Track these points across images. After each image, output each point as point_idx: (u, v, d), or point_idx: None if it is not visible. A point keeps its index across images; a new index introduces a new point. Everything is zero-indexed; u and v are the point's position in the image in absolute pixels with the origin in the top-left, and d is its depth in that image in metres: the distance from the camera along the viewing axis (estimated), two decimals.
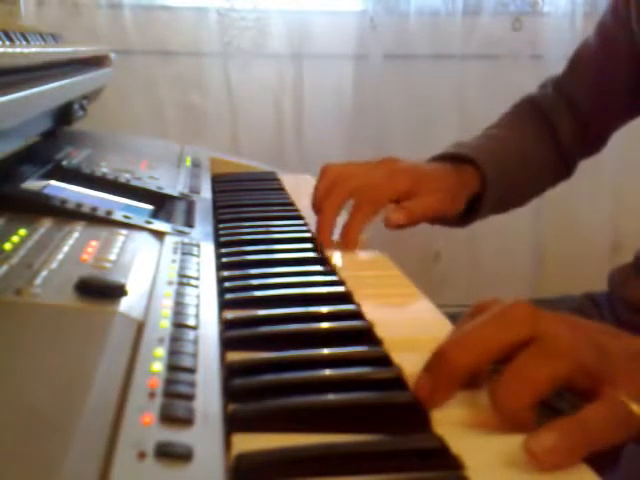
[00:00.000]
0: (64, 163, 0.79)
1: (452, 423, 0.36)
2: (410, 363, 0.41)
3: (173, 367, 0.38)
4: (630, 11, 0.82)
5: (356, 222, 0.69)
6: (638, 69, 0.83)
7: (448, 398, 0.38)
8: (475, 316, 0.41)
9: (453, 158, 0.81)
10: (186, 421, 0.33)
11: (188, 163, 0.99)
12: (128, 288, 0.46)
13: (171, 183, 0.84)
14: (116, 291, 0.46)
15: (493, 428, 0.36)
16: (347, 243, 0.69)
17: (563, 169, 0.92)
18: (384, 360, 0.42)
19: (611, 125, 0.91)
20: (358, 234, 0.69)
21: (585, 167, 0.95)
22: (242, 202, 0.83)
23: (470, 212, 0.82)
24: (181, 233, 0.64)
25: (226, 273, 0.57)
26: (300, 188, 0.81)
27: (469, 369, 0.38)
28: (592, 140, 0.92)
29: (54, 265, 0.49)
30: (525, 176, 0.89)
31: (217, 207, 0.80)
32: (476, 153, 0.81)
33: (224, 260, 0.60)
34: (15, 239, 0.52)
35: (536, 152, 0.89)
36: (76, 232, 0.57)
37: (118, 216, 0.63)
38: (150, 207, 0.74)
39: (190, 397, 0.35)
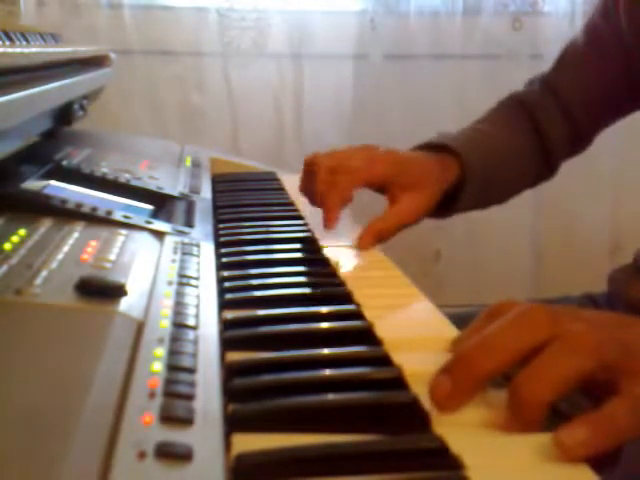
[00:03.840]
0: (64, 163, 0.79)
1: (452, 423, 0.36)
2: (410, 363, 0.41)
3: (173, 367, 0.38)
4: (618, 9, 0.82)
5: (333, 201, 0.71)
6: (626, 68, 0.83)
7: (465, 403, 0.37)
8: (491, 319, 0.41)
9: (435, 147, 0.81)
10: (186, 421, 0.33)
11: (188, 163, 0.99)
12: (128, 288, 0.46)
13: (171, 183, 0.84)
14: (116, 291, 0.46)
15: (494, 428, 0.36)
16: (328, 222, 0.70)
17: (546, 168, 0.92)
18: (384, 360, 0.42)
19: (598, 124, 0.91)
20: (337, 212, 0.71)
21: (585, 167, 0.95)
22: (242, 202, 0.83)
23: (449, 203, 0.82)
24: (181, 233, 0.64)
25: (226, 273, 0.57)
26: None
27: (492, 373, 0.38)
28: (578, 138, 0.91)
29: (54, 265, 0.49)
30: (508, 172, 0.88)
31: (217, 207, 0.80)
32: (458, 143, 0.81)
33: (224, 260, 0.60)
34: (15, 239, 0.52)
35: (520, 149, 0.89)
36: (76, 232, 0.57)
37: (118, 216, 0.63)
38: (150, 207, 0.74)
39: (190, 397, 0.35)
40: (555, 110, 0.89)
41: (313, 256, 0.65)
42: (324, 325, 0.48)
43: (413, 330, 0.50)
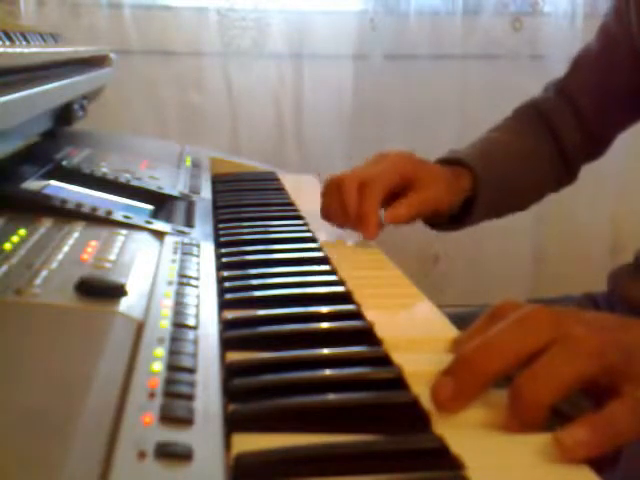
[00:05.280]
0: (64, 163, 0.79)
1: (452, 423, 0.36)
2: (410, 363, 0.41)
3: (173, 367, 0.38)
4: (630, 13, 0.82)
5: (371, 206, 0.69)
6: (638, 71, 0.83)
7: (467, 404, 0.38)
8: (493, 319, 0.41)
9: (446, 162, 0.81)
10: (186, 421, 0.33)
11: (188, 163, 0.99)
12: (128, 288, 0.46)
13: (171, 183, 0.84)
14: (116, 291, 0.46)
15: (494, 428, 0.36)
16: (369, 229, 0.68)
17: (566, 174, 0.92)
18: (384, 360, 0.42)
19: (614, 128, 0.91)
20: (376, 217, 0.69)
21: (585, 168, 0.95)
22: (242, 202, 0.83)
23: (464, 215, 0.82)
24: (181, 233, 0.64)
25: (226, 273, 0.57)
26: (300, 188, 0.81)
27: (495, 375, 0.38)
28: (595, 143, 0.91)
29: (54, 265, 0.49)
30: (525, 180, 0.88)
31: (217, 207, 0.80)
32: (467, 155, 0.81)
33: (224, 260, 0.60)
34: (15, 239, 0.52)
35: (537, 155, 0.89)
36: (76, 232, 0.57)
37: (118, 216, 0.63)
38: (150, 207, 0.74)
39: (190, 397, 0.35)
40: (570, 115, 0.89)
41: (313, 256, 0.65)
42: (324, 325, 0.48)
43: (413, 330, 0.50)
